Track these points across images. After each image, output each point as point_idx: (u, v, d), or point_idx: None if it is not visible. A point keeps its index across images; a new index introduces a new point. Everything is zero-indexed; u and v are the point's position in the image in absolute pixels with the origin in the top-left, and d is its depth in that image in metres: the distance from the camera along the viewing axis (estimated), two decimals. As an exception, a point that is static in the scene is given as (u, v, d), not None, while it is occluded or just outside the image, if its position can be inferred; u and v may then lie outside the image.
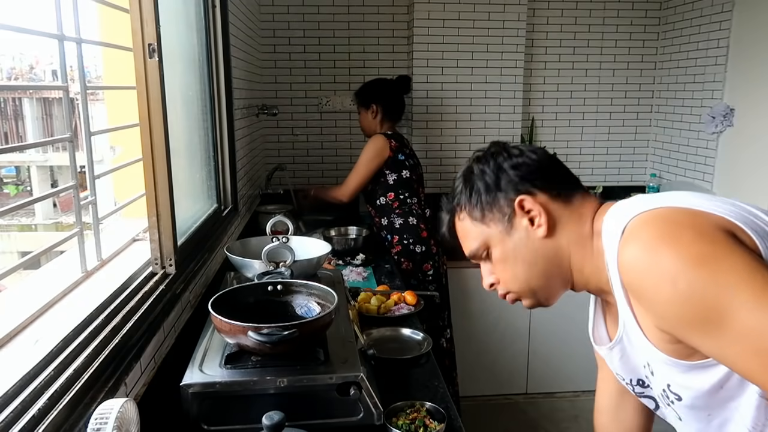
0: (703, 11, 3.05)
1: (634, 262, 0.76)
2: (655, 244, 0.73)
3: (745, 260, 0.67)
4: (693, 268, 0.68)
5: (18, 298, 1.12)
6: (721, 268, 0.68)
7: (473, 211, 0.95)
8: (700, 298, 0.68)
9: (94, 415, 0.81)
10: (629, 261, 0.77)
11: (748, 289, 0.65)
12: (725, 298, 0.66)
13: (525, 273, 0.93)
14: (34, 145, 1.73)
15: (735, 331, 0.66)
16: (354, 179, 2.62)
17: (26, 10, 3.55)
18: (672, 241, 0.72)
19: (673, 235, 0.72)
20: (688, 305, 0.69)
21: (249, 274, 1.59)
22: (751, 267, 0.67)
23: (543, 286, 0.94)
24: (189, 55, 1.76)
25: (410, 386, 1.38)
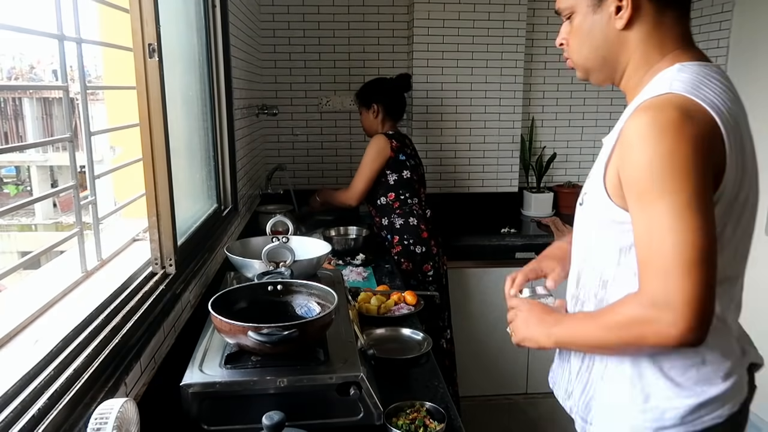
0: (703, 11, 3.05)
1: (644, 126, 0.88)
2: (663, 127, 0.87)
3: (696, 191, 0.86)
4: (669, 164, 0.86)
5: (18, 298, 1.12)
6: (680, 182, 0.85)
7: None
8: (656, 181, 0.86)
9: (94, 415, 0.81)
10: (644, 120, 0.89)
11: (679, 204, 0.85)
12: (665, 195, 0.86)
13: (588, 52, 1.04)
14: (34, 145, 1.73)
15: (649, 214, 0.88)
16: (360, 182, 2.60)
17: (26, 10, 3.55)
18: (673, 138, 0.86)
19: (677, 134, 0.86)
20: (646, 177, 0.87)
21: (249, 274, 1.59)
22: (695, 197, 0.85)
23: (596, 69, 1.06)
24: (189, 55, 1.76)
25: (410, 386, 1.38)
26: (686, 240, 0.84)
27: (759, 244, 2.82)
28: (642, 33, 0.99)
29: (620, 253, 0.98)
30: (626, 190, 0.92)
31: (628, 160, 0.91)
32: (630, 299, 0.92)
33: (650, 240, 0.88)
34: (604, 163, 0.98)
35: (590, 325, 0.99)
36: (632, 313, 0.90)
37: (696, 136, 0.87)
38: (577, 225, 1.10)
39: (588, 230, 1.05)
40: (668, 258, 0.85)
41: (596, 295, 1.04)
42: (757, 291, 2.72)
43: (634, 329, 0.90)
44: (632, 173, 0.90)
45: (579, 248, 1.10)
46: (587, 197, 1.05)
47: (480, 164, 3.41)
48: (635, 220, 0.91)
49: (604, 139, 1.07)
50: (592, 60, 1.05)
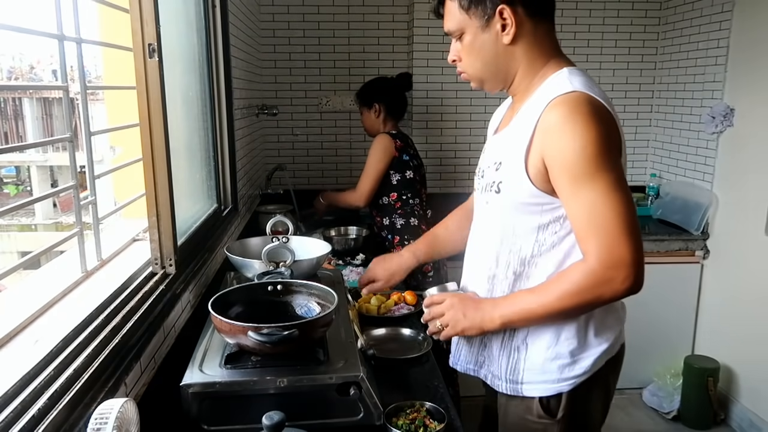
0: (703, 11, 3.05)
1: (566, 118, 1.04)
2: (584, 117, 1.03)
3: (619, 170, 1.06)
4: (597, 150, 1.02)
5: (18, 298, 1.12)
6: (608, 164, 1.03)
7: (463, 0, 1.14)
8: (588, 165, 1.02)
9: (94, 415, 0.81)
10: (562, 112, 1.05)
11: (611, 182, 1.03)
12: (597, 176, 1.03)
13: (481, 66, 1.19)
14: (34, 145, 1.73)
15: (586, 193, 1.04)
16: (366, 182, 2.58)
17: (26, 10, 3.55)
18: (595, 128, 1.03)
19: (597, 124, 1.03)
20: (578, 162, 1.03)
21: (249, 274, 1.59)
22: (620, 175, 1.05)
23: (490, 80, 1.21)
24: (189, 55, 1.76)
25: (410, 386, 1.38)
26: (622, 211, 1.03)
27: (759, 244, 2.83)
28: (525, 45, 1.15)
29: (538, 231, 1.15)
30: (557, 175, 1.06)
31: (556, 148, 1.05)
32: (579, 268, 1.07)
33: (591, 215, 1.04)
34: (523, 154, 1.10)
35: (541, 298, 1.11)
36: (588, 278, 1.05)
37: (608, 126, 1.06)
38: (490, 211, 1.22)
39: (505, 214, 1.18)
40: (612, 228, 1.02)
41: (515, 272, 1.19)
42: (758, 290, 2.72)
43: (592, 291, 1.05)
44: (564, 159, 1.04)
45: (493, 232, 1.21)
46: (504, 185, 1.16)
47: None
48: (571, 199, 1.06)
49: (496, 133, 1.26)
50: (485, 72, 1.20)
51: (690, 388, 2.91)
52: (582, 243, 1.07)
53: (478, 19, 1.14)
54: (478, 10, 1.13)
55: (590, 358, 1.17)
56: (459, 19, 1.16)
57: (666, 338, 3.13)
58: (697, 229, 3.00)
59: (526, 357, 1.20)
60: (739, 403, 2.86)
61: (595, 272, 1.04)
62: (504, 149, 1.18)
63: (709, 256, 3.05)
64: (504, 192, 1.16)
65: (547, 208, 1.12)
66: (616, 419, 3.02)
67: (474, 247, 1.31)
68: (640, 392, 3.17)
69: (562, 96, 1.07)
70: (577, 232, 1.08)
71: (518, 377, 1.22)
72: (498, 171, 1.18)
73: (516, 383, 1.22)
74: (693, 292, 3.12)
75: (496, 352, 1.25)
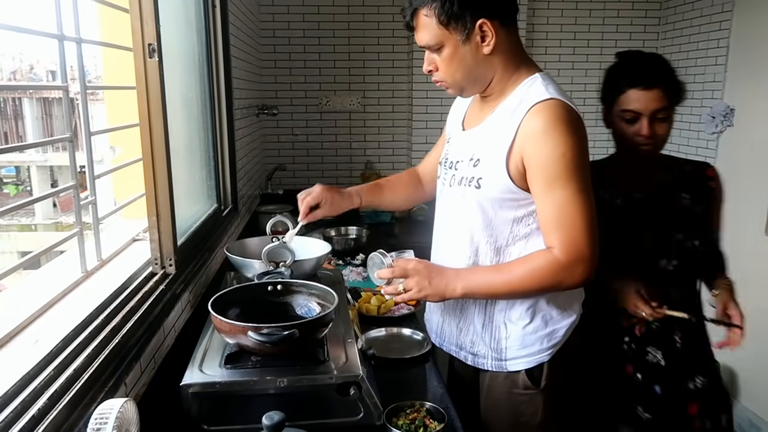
0: (703, 11, 3.05)
1: (546, 126, 1.14)
2: (566, 127, 1.14)
3: (588, 177, 1.18)
4: (572, 157, 1.14)
5: (18, 298, 1.12)
6: (580, 171, 1.16)
7: (441, 16, 1.17)
8: (564, 170, 1.14)
9: (94, 415, 0.81)
10: (546, 120, 1.14)
11: (580, 187, 1.16)
12: (571, 181, 1.15)
13: (461, 74, 1.24)
14: (34, 145, 1.73)
15: (559, 194, 1.15)
16: None
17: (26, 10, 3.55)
18: (573, 136, 1.15)
19: (575, 133, 1.15)
20: (555, 167, 1.14)
21: (249, 274, 1.59)
22: (588, 181, 1.18)
23: (469, 87, 1.28)
24: (189, 55, 1.76)
25: (410, 386, 1.38)
26: (587, 214, 1.16)
27: (759, 244, 2.83)
28: (501, 53, 1.22)
29: (513, 223, 1.25)
30: (534, 175, 1.17)
31: (537, 151, 1.15)
32: (544, 255, 1.18)
33: (560, 212, 1.16)
34: (504, 154, 1.19)
35: (504, 276, 1.22)
36: (551, 266, 1.17)
37: (583, 136, 1.17)
38: (467, 204, 1.28)
39: (485, 208, 1.25)
40: (577, 226, 1.15)
41: (492, 261, 1.28)
42: (758, 290, 2.72)
43: (553, 278, 1.18)
44: (543, 163, 1.15)
45: (473, 223, 1.28)
46: (484, 181, 1.24)
47: (480, 164, 3.40)
48: (544, 198, 1.17)
49: (466, 130, 1.35)
50: (465, 81, 1.26)
51: (690, 388, 2.91)
52: (548, 236, 1.19)
53: (459, 33, 1.18)
54: (458, 24, 1.17)
55: (563, 329, 1.30)
56: (437, 33, 1.20)
57: (666, 338, 3.13)
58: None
59: (507, 335, 1.30)
60: (739, 403, 2.86)
61: (558, 262, 1.16)
62: (480, 146, 1.26)
63: (709, 256, 3.05)
64: (484, 187, 1.24)
65: (523, 203, 1.22)
66: (616, 419, 3.01)
67: (448, 235, 1.36)
68: (640, 392, 3.17)
69: (542, 103, 1.16)
70: (545, 226, 1.19)
71: (502, 354, 1.31)
72: (476, 167, 1.26)
73: (501, 360, 1.31)
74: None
75: (479, 333, 1.33)
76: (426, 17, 1.20)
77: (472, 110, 1.39)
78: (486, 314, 1.32)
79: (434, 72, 1.28)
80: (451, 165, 1.36)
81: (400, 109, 3.43)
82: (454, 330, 1.38)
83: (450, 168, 1.36)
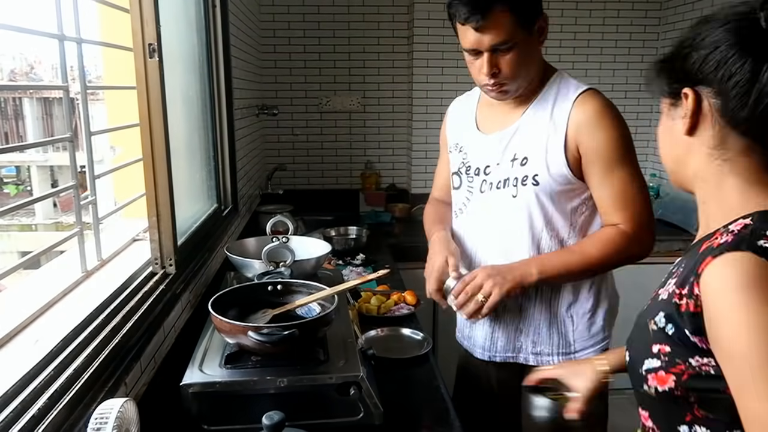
0: (703, 11, 3.05)
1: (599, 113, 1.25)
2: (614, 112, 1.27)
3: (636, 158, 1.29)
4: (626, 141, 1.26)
5: (18, 298, 1.12)
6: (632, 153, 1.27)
7: (519, 13, 1.19)
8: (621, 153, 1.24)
9: (94, 415, 0.81)
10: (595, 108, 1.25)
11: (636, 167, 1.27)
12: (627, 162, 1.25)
13: (525, 72, 1.25)
14: (34, 145, 1.72)
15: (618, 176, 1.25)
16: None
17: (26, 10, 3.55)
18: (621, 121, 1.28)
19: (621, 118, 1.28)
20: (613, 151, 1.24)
21: (249, 274, 1.59)
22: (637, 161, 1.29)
23: (523, 85, 1.28)
24: (189, 55, 1.76)
25: (410, 386, 1.38)
26: (645, 191, 1.27)
27: (759, 244, 2.81)
28: (538, 53, 1.29)
29: (571, 214, 1.32)
30: (592, 161, 1.24)
31: (593, 138, 1.23)
32: (613, 230, 1.26)
33: (623, 192, 1.24)
34: (561, 146, 1.25)
35: (577, 254, 1.28)
36: (623, 238, 1.25)
37: (623, 118, 1.27)
38: (519, 204, 1.32)
39: (543, 204, 1.30)
40: (640, 202, 1.26)
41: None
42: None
43: (627, 250, 1.26)
44: (600, 148, 1.23)
45: (532, 221, 1.32)
46: (541, 177, 1.28)
47: (480, 164, 3.40)
48: (604, 180, 1.25)
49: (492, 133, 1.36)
50: (526, 79, 1.28)
51: (690, 388, 2.90)
52: (611, 215, 1.27)
53: (529, 31, 1.23)
54: (531, 21, 1.23)
55: (610, 317, 1.40)
56: (513, 32, 1.19)
57: (666, 338, 3.13)
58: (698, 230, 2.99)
59: (574, 328, 1.36)
60: (739, 403, 2.86)
61: (627, 234, 1.25)
62: (524, 145, 1.30)
63: (709, 256, 3.04)
64: (543, 183, 1.29)
65: (578, 192, 1.30)
66: (617, 419, 3.02)
67: (501, 237, 1.36)
68: (640, 392, 3.17)
69: (585, 93, 1.25)
70: (607, 207, 1.27)
71: (571, 348, 1.37)
72: (525, 166, 1.30)
73: (569, 354, 1.37)
74: (693, 292, 3.11)
75: (544, 333, 1.38)
76: (502, 14, 1.17)
77: (487, 114, 1.41)
78: (550, 313, 1.37)
79: (499, 76, 1.25)
80: (477, 171, 1.38)
81: (400, 109, 3.43)
82: (512, 334, 1.40)
83: (476, 174, 1.38)
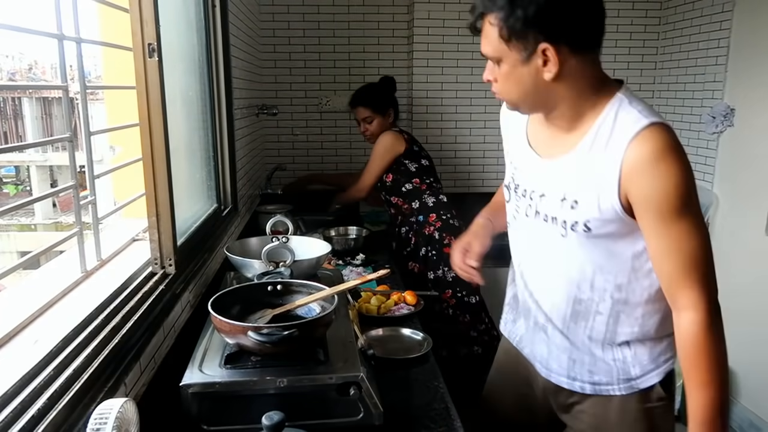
0: (703, 11, 3.05)
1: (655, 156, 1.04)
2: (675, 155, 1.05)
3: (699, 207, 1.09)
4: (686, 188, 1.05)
5: (18, 298, 1.12)
6: (694, 201, 1.06)
7: (503, 30, 1.05)
8: (679, 203, 1.04)
9: (94, 415, 0.81)
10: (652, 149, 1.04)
11: (697, 219, 1.07)
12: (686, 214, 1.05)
13: (518, 95, 1.13)
14: (33, 145, 1.72)
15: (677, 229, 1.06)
16: (369, 175, 2.72)
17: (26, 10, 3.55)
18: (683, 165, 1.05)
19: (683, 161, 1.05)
20: (671, 199, 1.04)
21: (249, 274, 1.59)
22: (700, 211, 1.09)
23: (526, 107, 1.17)
24: (189, 55, 1.76)
25: (410, 386, 1.38)
26: (707, 247, 1.08)
27: (759, 243, 2.82)
28: (570, 81, 1.08)
29: (633, 259, 1.15)
30: (646, 209, 1.06)
31: (647, 186, 1.05)
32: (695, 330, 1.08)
33: (681, 256, 1.06)
34: (615, 193, 1.08)
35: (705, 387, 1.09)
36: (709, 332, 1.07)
37: (688, 160, 1.07)
38: (572, 244, 1.17)
39: (599, 247, 1.16)
40: (702, 268, 1.07)
41: (612, 296, 1.18)
42: (758, 290, 2.72)
43: (718, 338, 1.08)
44: (655, 198, 1.04)
45: (584, 262, 1.18)
46: (593, 224, 1.12)
47: (480, 164, 3.41)
48: (658, 237, 1.07)
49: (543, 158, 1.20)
50: (522, 101, 1.14)
51: (690, 389, 2.90)
52: (672, 289, 1.09)
53: (518, 52, 1.06)
54: (519, 43, 1.05)
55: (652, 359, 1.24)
56: (498, 47, 1.08)
57: (666, 338, 3.12)
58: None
59: (633, 355, 1.23)
60: (739, 404, 2.86)
61: (712, 323, 1.07)
62: (573, 187, 1.14)
63: (709, 256, 3.04)
64: (596, 231, 1.13)
65: (639, 236, 1.12)
66: (616, 419, 3.01)
67: (549, 269, 1.26)
68: (640, 392, 3.16)
69: (646, 130, 1.05)
70: (665, 275, 1.10)
71: (630, 374, 1.23)
72: (575, 210, 1.14)
73: (629, 381, 1.24)
74: (693, 292, 3.11)
75: (603, 364, 1.25)
76: (491, 25, 1.08)
77: (538, 131, 1.24)
78: (608, 345, 1.23)
79: (493, 83, 1.16)
80: (524, 193, 1.25)
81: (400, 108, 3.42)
82: (564, 363, 1.29)
83: (523, 197, 1.26)
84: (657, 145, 1.04)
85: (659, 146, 1.04)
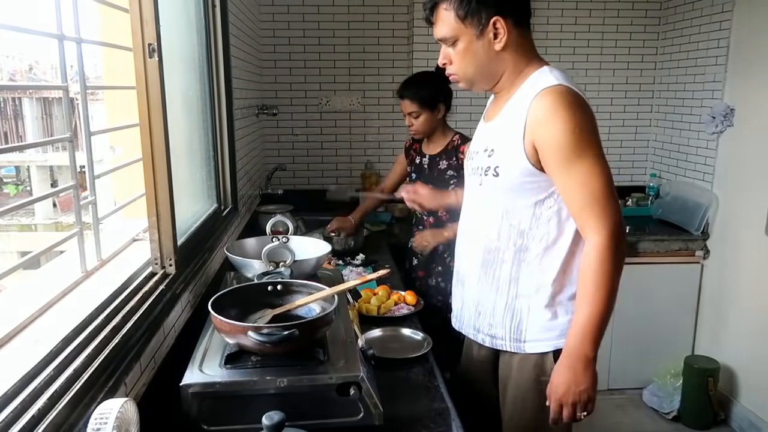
0: (703, 11, 3.05)
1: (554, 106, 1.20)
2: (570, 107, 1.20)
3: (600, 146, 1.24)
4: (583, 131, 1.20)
5: (18, 298, 1.12)
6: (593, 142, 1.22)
7: (459, 10, 1.25)
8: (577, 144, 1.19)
9: (94, 415, 0.81)
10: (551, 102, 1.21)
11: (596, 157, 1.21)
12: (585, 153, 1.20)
13: (473, 70, 1.32)
14: (34, 145, 1.73)
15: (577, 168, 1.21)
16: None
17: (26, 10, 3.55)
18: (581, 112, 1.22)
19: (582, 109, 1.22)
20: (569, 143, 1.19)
21: (249, 274, 1.59)
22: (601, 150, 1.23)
23: (480, 81, 1.35)
24: (189, 55, 1.76)
25: (410, 386, 1.38)
26: (608, 181, 1.22)
27: (759, 244, 2.82)
28: (512, 50, 1.30)
29: (535, 207, 1.30)
30: (548, 155, 1.22)
31: (545, 133, 1.21)
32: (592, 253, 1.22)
33: (583, 190, 1.21)
34: (520, 140, 1.25)
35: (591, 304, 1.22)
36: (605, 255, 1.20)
37: (588, 111, 1.23)
38: (485, 192, 1.36)
39: (506, 193, 1.32)
40: (604, 198, 1.21)
41: (515, 243, 1.34)
42: (758, 290, 2.72)
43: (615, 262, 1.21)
44: (555, 141, 1.20)
45: (493, 209, 1.35)
46: (502, 169, 1.30)
47: (480, 164, 3.40)
48: (562, 178, 1.23)
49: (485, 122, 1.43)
50: (477, 75, 1.33)
51: (690, 389, 2.90)
52: (580, 219, 1.24)
53: (473, 28, 1.26)
54: (473, 20, 1.25)
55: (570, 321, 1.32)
56: (454, 27, 1.27)
57: (666, 338, 3.13)
58: (697, 230, 3.00)
59: (525, 321, 1.35)
60: (739, 404, 2.86)
61: (608, 246, 1.20)
62: (495, 137, 1.33)
63: (709, 256, 3.05)
64: (503, 175, 1.30)
65: (543, 185, 1.28)
66: (616, 419, 3.02)
67: (470, 223, 1.45)
68: (640, 392, 3.16)
69: (548, 88, 1.23)
70: (574, 209, 1.25)
71: (521, 336, 1.36)
72: (491, 157, 1.33)
73: (519, 341, 1.37)
74: (693, 292, 3.11)
75: (501, 315, 1.38)
76: (445, 11, 1.27)
77: (491, 104, 1.47)
78: (507, 302, 1.37)
79: (448, 65, 1.34)
80: (470, 156, 1.44)
81: (400, 109, 3.42)
82: (473, 315, 1.44)
83: (470, 159, 1.44)
84: (555, 98, 1.21)
85: (557, 99, 1.21)
